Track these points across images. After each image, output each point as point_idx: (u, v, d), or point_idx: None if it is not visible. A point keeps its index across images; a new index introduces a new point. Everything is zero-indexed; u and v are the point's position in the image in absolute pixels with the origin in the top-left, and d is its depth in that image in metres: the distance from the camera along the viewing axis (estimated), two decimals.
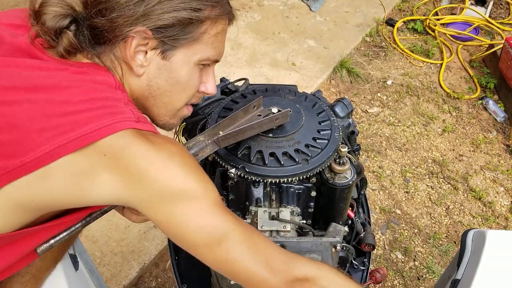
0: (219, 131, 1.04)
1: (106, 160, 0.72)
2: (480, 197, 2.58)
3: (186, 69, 0.89)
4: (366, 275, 1.29)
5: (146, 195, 0.75)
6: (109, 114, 0.75)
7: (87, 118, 0.73)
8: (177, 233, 0.78)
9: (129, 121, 0.75)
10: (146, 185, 0.74)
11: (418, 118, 3.08)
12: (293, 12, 3.91)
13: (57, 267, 1.14)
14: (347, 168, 1.09)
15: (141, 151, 0.73)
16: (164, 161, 0.75)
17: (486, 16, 3.81)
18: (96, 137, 0.71)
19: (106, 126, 0.72)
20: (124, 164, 0.72)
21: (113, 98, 0.79)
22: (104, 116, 0.74)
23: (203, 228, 0.76)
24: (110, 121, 0.73)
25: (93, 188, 0.73)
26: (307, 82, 3.20)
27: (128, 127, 0.75)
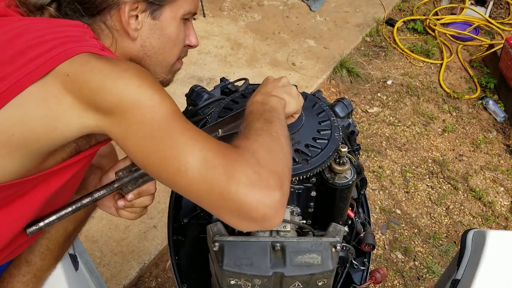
0: (219, 129, 1.04)
1: (69, 80, 0.74)
2: (480, 197, 2.58)
3: (174, 25, 0.95)
4: (366, 275, 1.29)
5: (106, 110, 0.75)
6: (73, 41, 0.78)
7: (52, 46, 0.76)
8: (135, 144, 0.77)
9: (92, 47, 0.79)
10: (105, 98, 0.74)
11: (418, 118, 3.08)
12: (293, 12, 3.91)
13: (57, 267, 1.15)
14: (347, 168, 1.09)
15: (98, 66, 0.75)
16: (120, 73, 0.76)
17: (486, 16, 3.81)
18: (60, 60, 0.74)
19: (69, 49, 0.76)
20: (83, 81, 0.74)
21: (79, 32, 0.83)
22: (67, 43, 0.77)
23: (157, 135, 0.75)
24: (73, 45, 0.77)
25: (63, 114, 0.75)
26: (307, 82, 3.20)
27: (90, 50, 0.78)
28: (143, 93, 0.75)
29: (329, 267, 0.99)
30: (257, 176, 0.73)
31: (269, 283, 1.00)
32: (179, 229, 1.36)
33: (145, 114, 0.74)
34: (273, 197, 0.73)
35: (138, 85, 0.75)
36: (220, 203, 0.73)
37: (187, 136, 0.75)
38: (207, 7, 3.80)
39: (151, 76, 0.80)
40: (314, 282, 1.01)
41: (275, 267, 0.98)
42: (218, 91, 1.33)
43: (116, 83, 0.75)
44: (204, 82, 3.12)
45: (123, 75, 0.76)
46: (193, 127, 0.78)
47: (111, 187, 0.94)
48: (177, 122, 0.77)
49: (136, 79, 0.76)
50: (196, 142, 0.75)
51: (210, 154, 0.74)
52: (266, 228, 0.76)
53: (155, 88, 0.77)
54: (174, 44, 0.98)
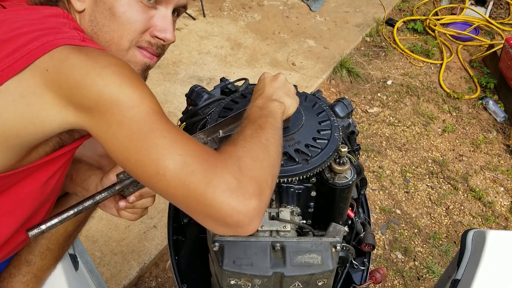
0: (220, 130, 1.04)
1: (48, 76, 0.72)
2: (480, 197, 2.58)
3: (122, 1, 0.87)
4: (366, 275, 1.29)
5: (85, 108, 0.74)
6: (52, 34, 0.76)
7: (30, 39, 0.74)
8: (114, 145, 0.75)
9: (72, 39, 0.76)
10: (84, 96, 0.73)
11: (418, 118, 3.08)
12: (293, 12, 3.91)
13: (57, 267, 1.15)
14: (347, 168, 1.09)
15: (77, 62, 0.73)
16: (99, 71, 0.73)
17: (486, 16, 3.81)
18: (39, 54, 0.72)
19: (48, 42, 0.74)
20: (62, 78, 0.73)
21: (58, 22, 0.81)
22: (46, 35, 0.75)
23: (136, 138, 0.73)
24: (52, 38, 0.75)
25: (42, 110, 0.74)
26: (307, 82, 3.20)
27: (69, 43, 0.75)
28: (123, 92, 0.73)
29: (329, 267, 0.99)
30: (236, 183, 0.72)
31: (269, 283, 1.00)
32: (179, 229, 1.36)
33: (125, 114, 0.72)
34: (249, 205, 0.72)
35: (118, 84, 0.73)
36: (197, 207, 0.72)
37: (168, 139, 0.73)
38: (207, 7, 3.80)
39: (132, 73, 0.77)
40: (314, 282, 1.01)
41: (275, 267, 0.98)
42: (218, 91, 1.33)
43: (96, 81, 0.72)
44: (204, 82, 3.12)
45: (102, 72, 0.73)
46: (175, 129, 0.76)
47: (113, 190, 0.94)
48: (157, 124, 0.74)
49: (116, 77, 0.73)
50: (176, 146, 0.73)
51: (190, 158, 0.72)
52: (241, 234, 0.75)
53: (136, 86, 0.75)
54: (122, 23, 0.89)
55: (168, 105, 2.89)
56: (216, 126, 1.05)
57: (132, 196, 0.95)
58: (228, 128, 1.05)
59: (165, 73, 3.16)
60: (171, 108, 2.86)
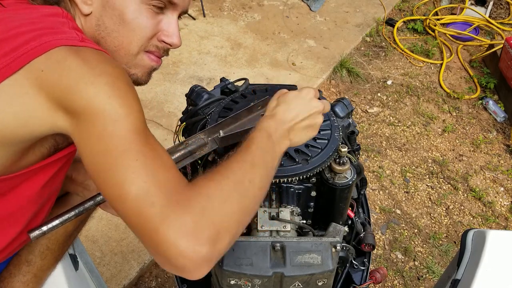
0: (220, 130, 1.04)
1: (43, 76, 0.72)
2: (480, 197, 2.58)
3: (132, 7, 0.87)
4: (366, 275, 1.29)
5: (73, 112, 0.73)
6: (51, 33, 0.75)
7: (28, 39, 0.74)
8: (89, 156, 0.73)
9: (70, 40, 0.75)
10: (74, 101, 0.72)
11: (418, 118, 3.08)
12: (293, 12, 3.91)
13: (57, 267, 1.15)
14: (347, 168, 1.09)
15: (73, 65, 0.73)
16: (93, 78, 0.72)
17: (486, 16, 3.81)
18: (36, 54, 0.72)
19: (46, 43, 0.73)
20: (56, 79, 0.72)
21: (57, 22, 0.80)
22: (44, 35, 0.74)
23: (111, 155, 0.71)
24: (50, 38, 0.74)
25: (35, 111, 0.73)
26: (307, 82, 3.20)
27: (68, 43, 0.74)
28: (111, 104, 0.71)
29: (329, 267, 0.99)
30: (193, 225, 0.68)
31: (269, 283, 1.00)
32: None
33: (106, 128, 0.71)
34: (198, 252, 0.67)
35: (108, 95, 0.72)
36: (147, 240, 0.69)
37: (139, 163, 0.70)
38: (207, 7, 3.80)
39: (126, 84, 0.75)
40: (314, 282, 1.01)
41: (275, 267, 0.98)
42: (218, 91, 1.33)
43: (87, 88, 0.71)
44: (204, 82, 3.12)
45: (95, 80, 0.72)
46: (151, 152, 0.73)
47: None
48: (134, 144, 0.72)
49: (108, 87, 0.72)
50: (145, 171, 0.70)
51: (154, 188, 0.69)
52: (186, 277, 0.72)
53: (125, 100, 0.73)
54: (131, 29, 0.88)
55: (168, 105, 2.89)
56: (216, 126, 1.05)
57: None
58: (228, 128, 1.05)
59: (165, 73, 3.16)
60: (171, 108, 2.86)
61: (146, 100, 2.93)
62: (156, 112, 2.84)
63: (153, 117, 2.81)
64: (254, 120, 1.06)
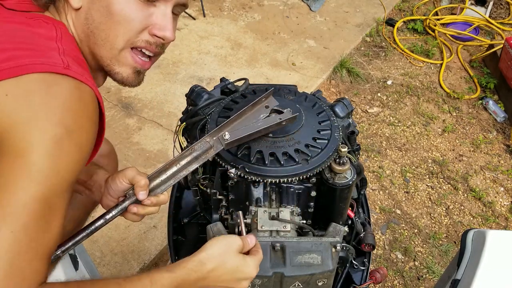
0: (226, 131, 1.04)
1: (5, 100, 0.70)
2: (480, 197, 2.58)
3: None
4: (366, 275, 1.29)
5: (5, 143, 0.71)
6: (32, 56, 0.73)
7: (7, 57, 0.72)
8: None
9: (52, 66, 0.73)
10: (13, 138, 0.70)
11: (418, 118, 3.08)
12: (293, 12, 3.91)
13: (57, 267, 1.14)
14: (347, 168, 1.09)
15: (35, 104, 0.70)
16: (45, 127, 0.70)
17: (486, 16, 3.81)
18: (8, 75, 0.70)
19: (23, 66, 0.72)
20: (12, 110, 0.70)
21: (46, 46, 0.78)
22: (25, 57, 0.73)
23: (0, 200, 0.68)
24: (29, 61, 0.72)
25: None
26: (307, 82, 3.20)
27: (46, 70, 0.72)
28: (42, 161, 0.69)
29: (329, 267, 0.99)
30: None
31: (269, 283, 1.00)
32: (179, 229, 1.36)
33: (18, 178, 0.68)
34: None
35: (45, 151, 0.69)
36: None
37: (12, 236, 0.66)
38: (207, 7, 3.80)
39: (73, 145, 0.72)
40: (314, 282, 1.01)
41: (275, 267, 0.98)
42: (218, 91, 1.33)
43: (33, 133, 0.69)
44: (204, 82, 3.12)
45: (46, 129, 0.70)
46: (34, 233, 0.69)
47: (122, 207, 0.96)
48: (27, 215, 0.68)
49: (52, 143, 0.70)
50: (8, 249, 0.66)
51: (1, 272, 0.65)
52: None
53: (59, 163, 0.71)
54: (118, 22, 0.85)
55: (168, 105, 2.89)
56: (221, 127, 1.04)
57: (148, 200, 0.95)
58: (232, 125, 1.05)
59: (165, 73, 3.16)
60: (171, 108, 2.86)
61: (146, 100, 2.93)
62: (156, 112, 2.84)
63: (153, 117, 2.81)
64: (258, 113, 1.08)
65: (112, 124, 2.75)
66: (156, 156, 2.57)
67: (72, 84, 0.74)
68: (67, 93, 0.74)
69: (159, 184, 0.98)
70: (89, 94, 0.78)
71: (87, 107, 0.77)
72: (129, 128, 2.74)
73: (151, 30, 0.89)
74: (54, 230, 0.74)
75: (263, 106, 1.09)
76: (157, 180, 0.98)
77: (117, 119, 2.80)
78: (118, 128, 2.74)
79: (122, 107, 2.87)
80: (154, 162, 2.53)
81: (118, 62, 0.90)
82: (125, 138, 2.68)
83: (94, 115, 0.79)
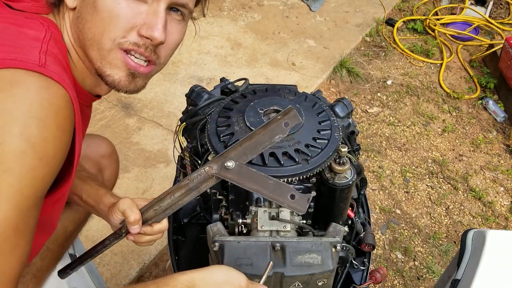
0: (230, 155, 0.92)
1: None
2: (480, 197, 2.58)
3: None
4: (366, 275, 1.29)
5: None
6: (7, 52, 0.69)
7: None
8: None
9: (24, 62, 0.68)
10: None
11: (418, 118, 3.08)
12: (293, 12, 3.91)
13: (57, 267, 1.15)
14: (347, 168, 1.09)
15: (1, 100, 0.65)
16: (4, 139, 0.64)
17: (486, 16, 3.81)
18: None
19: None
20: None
21: (28, 45, 0.73)
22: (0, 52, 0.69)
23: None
24: (1, 56, 0.68)
25: None
26: (307, 82, 3.20)
27: (15, 66, 0.67)
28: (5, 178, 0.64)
29: (329, 267, 0.99)
30: None
31: (269, 283, 1.00)
32: (179, 229, 1.36)
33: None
34: None
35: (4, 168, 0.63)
36: None
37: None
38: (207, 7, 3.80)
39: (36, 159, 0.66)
40: (314, 282, 1.01)
41: (275, 267, 0.98)
42: (218, 91, 1.33)
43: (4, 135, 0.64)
44: (204, 82, 3.12)
45: (5, 141, 0.64)
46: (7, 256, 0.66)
47: (120, 234, 1.02)
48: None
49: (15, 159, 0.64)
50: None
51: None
52: None
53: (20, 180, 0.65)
54: (102, 19, 0.78)
55: (168, 105, 2.89)
56: (224, 153, 0.93)
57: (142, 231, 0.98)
58: (238, 150, 0.92)
59: (165, 73, 3.16)
60: (171, 108, 2.86)
61: (146, 100, 2.93)
62: (156, 112, 2.84)
63: (153, 117, 2.81)
64: (274, 134, 0.91)
65: (112, 124, 2.75)
66: (156, 156, 2.57)
67: (43, 84, 0.69)
68: (34, 96, 0.67)
69: (153, 216, 0.98)
70: (62, 97, 0.71)
71: (57, 113, 0.70)
72: (129, 128, 2.74)
73: (139, 30, 0.82)
74: (21, 251, 0.70)
75: (281, 123, 0.91)
76: (150, 211, 0.97)
77: (117, 119, 2.80)
78: (118, 128, 2.74)
79: (122, 107, 2.87)
80: (154, 162, 2.53)
81: (109, 64, 0.83)
82: (125, 138, 2.68)
83: (66, 122, 0.72)
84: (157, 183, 2.43)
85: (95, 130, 2.69)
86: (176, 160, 1.30)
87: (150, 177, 2.46)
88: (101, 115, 2.80)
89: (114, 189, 1.58)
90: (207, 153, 1.13)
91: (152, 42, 0.82)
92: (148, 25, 0.81)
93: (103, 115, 2.81)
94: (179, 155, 1.28)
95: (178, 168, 1.30)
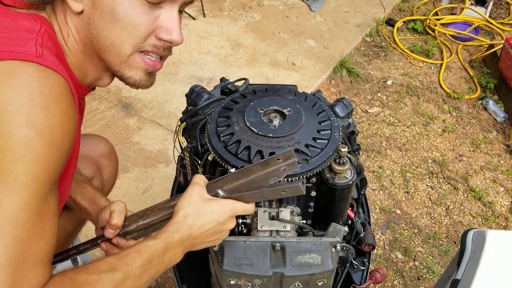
0: (222, 187, 0.93)
1: None
2: (480, 197, 2.58)
3: (123, 2, 0.79)
4: (366, 275, 1.29)
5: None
6: (4, 44, 0.69)
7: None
8: None
9: (22, 54, 0.68)
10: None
11: (418, 118, 3.08)
12: (293, 12, 3.91)
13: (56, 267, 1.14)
14: (347, 168, 1.09)
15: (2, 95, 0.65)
16: (10, 129, 0.64)
17: (486, 16, 3.81)
18: None
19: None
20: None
21: (24, 36, 0.74)
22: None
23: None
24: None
25: None
26: (307, 82, 3.20)
27: (13, 57, 0.68)
28: (13, 169, 0.64)
29: (329, 267, 0.99)
30: None
31: (269, 283, 1.00)
32: None
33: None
34: None
35: (15, 158, 0.64)
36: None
37: (6, 251, 0.64)
38: (207, 7, 3.80)
39: (45, 146, 0.67)
40: (314, 282, 1.01)
41: (275, 267, 0.98)
42: (218, 91, 1.33)
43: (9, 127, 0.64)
44: (204, 82, 3.12)
45: (11, 131, 0.64)
46: (27, 241, 0.67)
47: (93, 242, 1.01)
48: (15, 226, 0.65)
49: (25, 148, 0.64)
50: (6, 262, 0.64)
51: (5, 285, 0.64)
52: None
53: (33, 167, 0.65)
54: (124, 27, 0.80)
55: (168, 105, 2.89)
56: (218, 181, 0.94)
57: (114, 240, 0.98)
58: (231, 185, 0.92)
59: (165, 73, 3.16)
60: (171, 108, 2.85)
61: (146, 100, 2.93)
62: (156, 112, 2.84)
63: (153, 117, 2.81)
64: (270, 176, 0.91)
65: (112, 124, 2.75)
66: (156, 156, 2.57)
67: (42, 73, 0.69)
68: (34, 85, 0.68)
69: (134, 230, 0.96)
70: (62, 85, 0.72)
71: (58, 100, 0.71)
72: (129, 128, 2.74)
73: (157, 34, 0.85)
74: (48, 234, 0.71)
75: (280, 169, 0.92)
76: (133, 225, 0.96)
77: (117, 119, 2.80)
78: (118, 128, 2.74)
79: (122, 107, 2.87)
80: (154, 162, 2.53)
81: (129, 67, 0.87)
82: (125, 138, 2.68)
83: (68, 108, 0.73)
84: (157, 183, 2.43)
85: (95, 130, 2.69)
86: (176, 160, 1.30)
87: (150, 177, 2.46)
88: (101, 115, 2.80)
89: (114, 189, 1.58)
90: (207, 153, 1.13)
91: (171, 44, 0.87)
92: (166, 29, 0.84)
93: (103, 115, 2.81)
94: (179, 155, 1.28)
95: (178, 168, 1.30)
